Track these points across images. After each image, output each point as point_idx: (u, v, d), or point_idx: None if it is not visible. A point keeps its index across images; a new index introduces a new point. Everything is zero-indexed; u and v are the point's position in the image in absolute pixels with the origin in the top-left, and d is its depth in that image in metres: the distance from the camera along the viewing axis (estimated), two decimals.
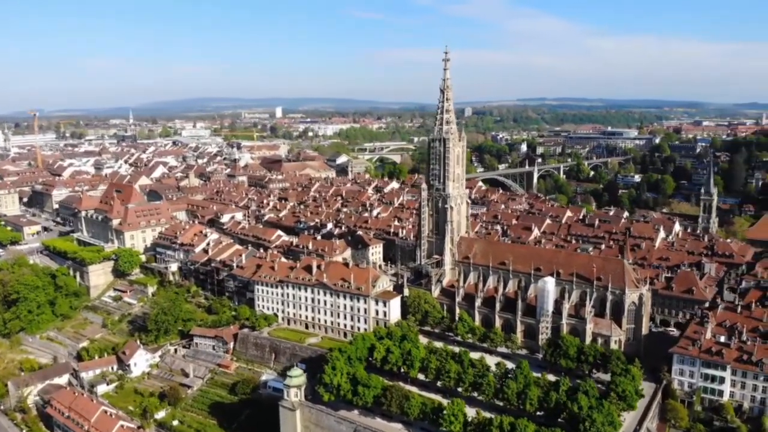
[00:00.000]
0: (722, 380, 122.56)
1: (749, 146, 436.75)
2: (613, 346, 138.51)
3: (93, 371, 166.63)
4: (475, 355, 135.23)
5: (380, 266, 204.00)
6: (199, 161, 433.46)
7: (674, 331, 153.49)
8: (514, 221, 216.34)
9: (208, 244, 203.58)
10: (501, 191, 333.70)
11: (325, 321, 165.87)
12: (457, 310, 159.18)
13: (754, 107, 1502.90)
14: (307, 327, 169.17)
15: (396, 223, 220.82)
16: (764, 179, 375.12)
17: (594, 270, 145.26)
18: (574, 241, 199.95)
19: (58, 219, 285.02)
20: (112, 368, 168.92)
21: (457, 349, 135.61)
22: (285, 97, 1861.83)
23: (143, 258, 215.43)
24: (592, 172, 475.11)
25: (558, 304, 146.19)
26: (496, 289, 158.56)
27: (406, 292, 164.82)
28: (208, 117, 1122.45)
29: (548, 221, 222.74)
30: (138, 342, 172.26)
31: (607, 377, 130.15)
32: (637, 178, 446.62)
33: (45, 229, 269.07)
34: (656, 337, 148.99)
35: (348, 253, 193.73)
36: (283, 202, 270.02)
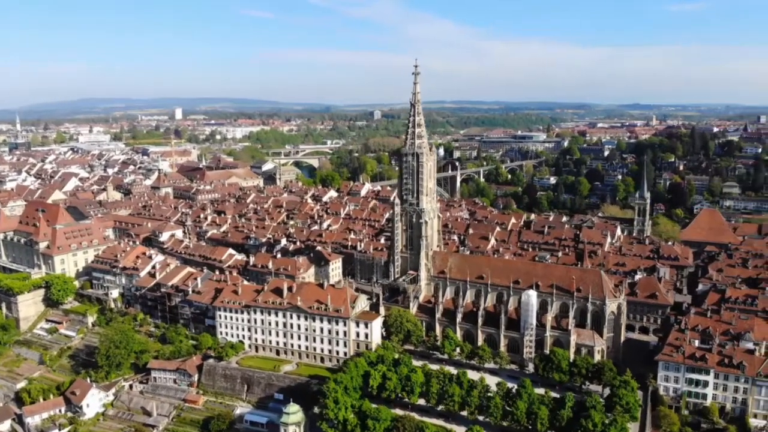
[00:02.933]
0: (706, 384, 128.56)
1: (653, 148, 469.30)
2: (597, 356, 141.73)
3: (40, 416, 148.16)
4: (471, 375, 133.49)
5: (339, 281, 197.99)
6: (109, 170, 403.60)
7: (649, 337, 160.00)
8: (471, 231, 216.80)
9: (153, 267, 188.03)
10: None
11: (299, 346, 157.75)
12: (438, 327, 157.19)
13: (637, 107, 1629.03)
14: (278, 353, 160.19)
15: (352, 235, 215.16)
16: (672, 179, 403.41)
17: (573, 282, 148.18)
18: (530, 249, 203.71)
19: None
20: (61, 410, 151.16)
21: (454, 370, 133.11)
22: (181, 98, 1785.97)
23: (77, 284, 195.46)
24: (509, 176, 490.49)
25: (539, 316, 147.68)
26: (474, 304, 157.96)
27: (382, 310, 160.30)
28: (100, 120, 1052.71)
29: (498, 229, 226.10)
30: (89, 380, 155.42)
31: (596, 388, 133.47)
32: (553, 180, 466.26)
33: None
34: (627, 343, 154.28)
35: (312, 271, 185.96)
36: (221, 216, 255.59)
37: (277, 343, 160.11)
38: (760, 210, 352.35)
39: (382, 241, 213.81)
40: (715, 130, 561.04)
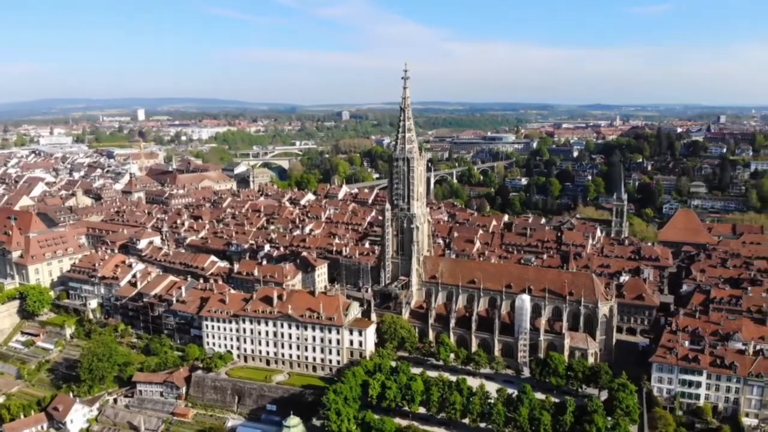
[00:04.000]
0: (699, 385, 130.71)
1: (621, 148, 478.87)
2: (590, 358, 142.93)
3: None
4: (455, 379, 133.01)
5: (326, 287, 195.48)
6: (75, 174, 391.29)
7: (636, 338, 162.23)
8: (456, 234, 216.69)
9: (134, 276, 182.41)
10: None
11: (291, 356, 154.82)
12: (431, 333, 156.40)
13: (598, 108, 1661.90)
14: (268, 363, 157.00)
15: (337, 240, 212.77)
16: (641, 180, 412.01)
17: (565, 285, 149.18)
18: (515, 252, 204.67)
19: None
20: (43, 427, 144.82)
21: (452, 377, 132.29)
22: (142, 98, 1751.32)
23: (53, 294, 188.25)
24: (481, 177, 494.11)
25: (532, 320, 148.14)
26: (466, 309, 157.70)
27: (374, 317, 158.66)
28: (59, 121, 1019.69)
29: (481, 231, 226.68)
30: (71, 394, 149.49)
31: (592, 391, 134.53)
32: (524, 181, 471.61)
33: None
34: (617, 344, 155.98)
35: (299, 277, 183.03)
36: (198, 221, 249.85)
37: (267, 353, 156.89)
38: (727, 209, 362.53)
39: (367, 245, 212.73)
40: (679, 130, 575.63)
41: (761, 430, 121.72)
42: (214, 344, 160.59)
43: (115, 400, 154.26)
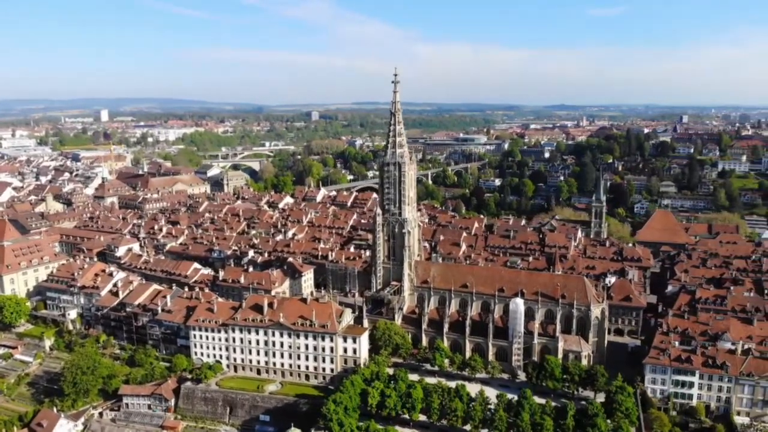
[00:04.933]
0: (691, 385, 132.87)
1: (591, 149, 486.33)
2: (584, 361, 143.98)
3: None
4: (455, 385, 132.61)
5: (312, 293, 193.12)
6: (42, 178, 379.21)
7: (624, 339, 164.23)
8: (441, 237, 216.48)
9: (115, 285, 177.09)
10: (377, 198, 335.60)
11: (283, 365, 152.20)
12: (424, 338, 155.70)
13: (563, 108, 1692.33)
14: (259, 373, 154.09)
15: (321, 245, 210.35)
16: (612, 180, 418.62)
17: (558, 288, 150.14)
18: (501, 255, 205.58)
19: None
20: None
21: (451, 383, 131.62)
22: (104, 98, 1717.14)
23: (30, 305, 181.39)
24: (456, 178, 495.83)
25: (525, 323, 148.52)
26: (459, 313, 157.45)
27: (366, 323, 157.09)
28: (19, 122, 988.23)
29: (464, 234, 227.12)
30: (55, 409, 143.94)
31: (587, 394, 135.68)
32: (498, 182, 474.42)
33: None
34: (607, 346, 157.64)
35: (287, 284, 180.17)
36: (176, 226, 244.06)
37: (258, 362, 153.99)
38: (696, 208, 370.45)
39: (352, 249, 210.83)
40: (646, 131, 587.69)
41: (755, 428, 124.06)
42: (202, 354, 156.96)
43: (101, 414, 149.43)
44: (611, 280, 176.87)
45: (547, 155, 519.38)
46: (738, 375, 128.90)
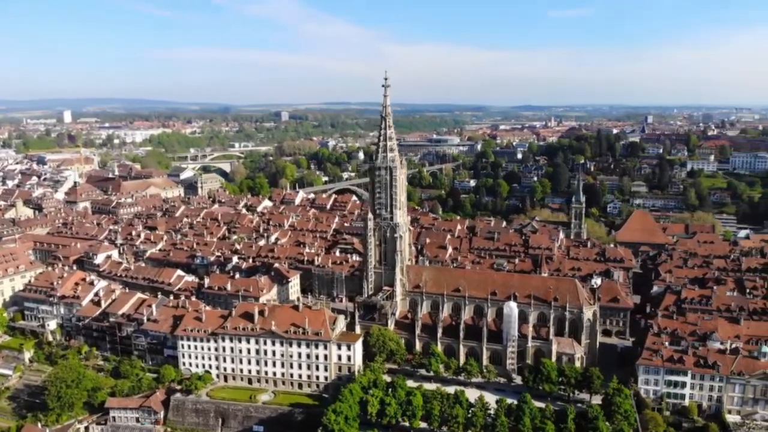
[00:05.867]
0: (684, 385, 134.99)
1: (563, 150, 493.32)
2: (577, 363, 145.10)
3: None
4: (452, 390, 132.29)
5: (298, 298, 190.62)
6: (9, 183, 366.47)
7: (612, 340, 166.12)
8: (428, 240, 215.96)
9: (96, 294, 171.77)
10: (357, 201, 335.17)
11: (275, 373, 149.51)
12: (418, 343, 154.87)
13: (529, 109, 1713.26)
14: (250, 382, 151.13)
15: (307, 249, 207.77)
16: (585, 180, 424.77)
17: (550, 291, 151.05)
18: (487, 257, 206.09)
19: None
20: None
21: (450, 389, 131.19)
22: (66, 98, 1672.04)
23: (6, 316, 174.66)
24: (431, 179, 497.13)
25: (518, 326, 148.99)
26: (452, 317, 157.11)
27: (358, 329, 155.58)
28: None
29: (449, 236, 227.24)
30: (39, 424, 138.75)
31: (583, 396, 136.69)
32: (472, 183, 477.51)
33: None
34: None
35: (275, 290, 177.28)
36: (154, 232, 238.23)
37: (249, 371, 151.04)
38: (667, 207, 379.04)
39: (338, 253, 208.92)
40: (615, 131, 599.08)
41: (747, 427, 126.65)
42: (191, 364, 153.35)
43: (87, 428, 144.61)
44: (597, 281, 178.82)
45: (519, 156, 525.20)
46: (729, 374, 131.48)
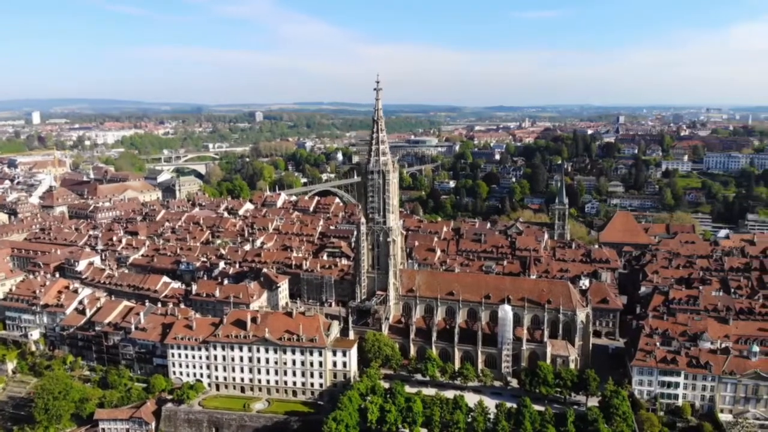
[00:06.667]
0: (677, 385, 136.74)
1: (541, 151, 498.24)
2: (571, 365, 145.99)
3: None
4: (452, 395, 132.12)
5: (287, 304, 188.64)
6: None
7: (602, 341, 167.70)
8: (416, 243, 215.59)
9: (81, 302, 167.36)
10: (340, 203, 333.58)
11: (268, 381, 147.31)
12: (412, 347, 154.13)
13: (502, 109, 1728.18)
14: (243, 390, 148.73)
15: (294, 254, 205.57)
16: (563, 180, 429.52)
17: (543, 294, 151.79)
18: (475, 259, 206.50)
19: None
20: None
21: (449, 394, 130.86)
22: (33, 98, 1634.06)
23: None
24: (411, 180, 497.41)
25: (512, 329, 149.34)
26: (445, 321, 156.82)
27: (351, 335, 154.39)
28: None
29: (435, 239, 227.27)
30: None
31: (579, 398, 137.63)
32: (452, 184, 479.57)
33: None
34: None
35: (265, 296, 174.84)
36: (136, 237, 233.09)
37: (242, 379, 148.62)
38: (644, 207, 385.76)
39: (325, 257, 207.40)
40: (590, 132, 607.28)
41: (740, 426, 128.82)
42: (181, 373, 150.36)
43: None
44: (585, 282, 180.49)
45: (497, 157, 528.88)
46: (721, 374, 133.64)
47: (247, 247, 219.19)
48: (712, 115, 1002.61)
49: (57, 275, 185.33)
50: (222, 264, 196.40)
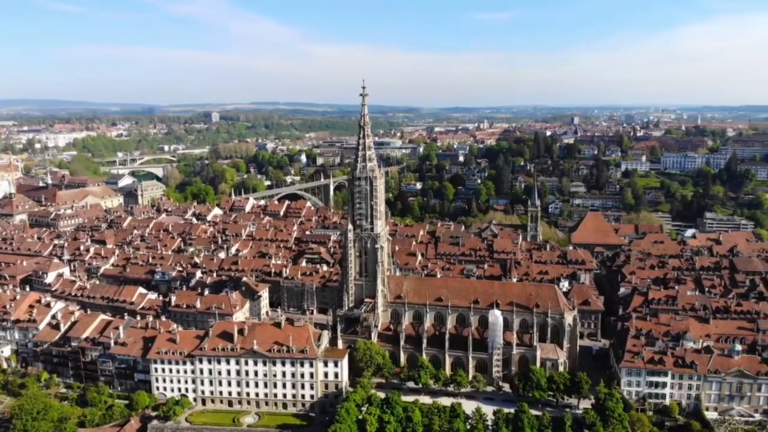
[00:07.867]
0: (664, 385, 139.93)
1: (504, 152, 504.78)
2: (560, 368, 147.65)
3: None
4: (446, 402, 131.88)
5: (268, 313, 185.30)
6: None
7: (584, 342, 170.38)
8: (397, 248, 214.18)
9: (54, 317, 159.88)
10: (311, 207, 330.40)
11: (257, 394, 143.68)
12: (402, 355, 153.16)
13: (458, 111, 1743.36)
14: (231, 404, 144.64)
15: (273, 261, 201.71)
16: (526, 182, 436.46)
17: (531, 298, 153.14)
18: (456, 263, 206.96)
19: None
20: None
21: (442, 401, 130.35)
22: None
23: None
24: None
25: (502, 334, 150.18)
26: (435, 327, 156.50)
27: (340, 344, 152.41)
28: None
29: (414, 243, 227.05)
30: None
31: (571, 401, 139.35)
32: (419, 185, 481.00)
33: None
34: None
35: (247, 306, 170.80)
36: (104, 246, 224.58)
37: (230, 393, 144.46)
38: (606, 206, 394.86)
39: (304, 263, 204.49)
40: (548, 133, 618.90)
41: (727, 423, 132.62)
42: (165, 389, 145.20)
43: None
44: (566, 284, 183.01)
45: (462, 159, 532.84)
46: (706, 373, 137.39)
47: (222, 254, 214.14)
48: (662, 116, 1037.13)
49: (27, 288, 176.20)
50: (198, 273, 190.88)
